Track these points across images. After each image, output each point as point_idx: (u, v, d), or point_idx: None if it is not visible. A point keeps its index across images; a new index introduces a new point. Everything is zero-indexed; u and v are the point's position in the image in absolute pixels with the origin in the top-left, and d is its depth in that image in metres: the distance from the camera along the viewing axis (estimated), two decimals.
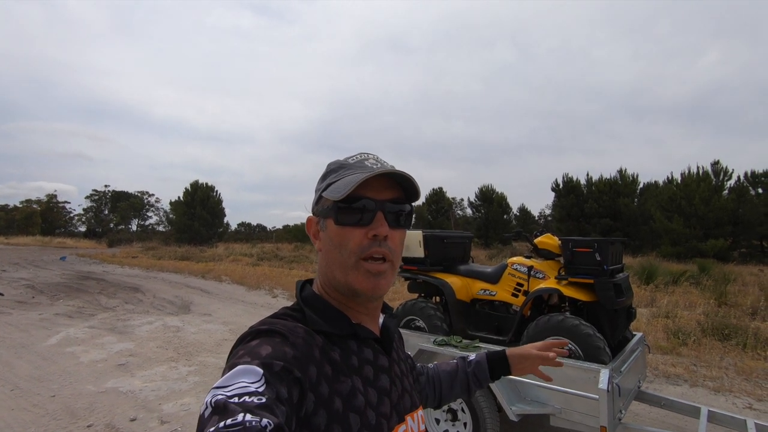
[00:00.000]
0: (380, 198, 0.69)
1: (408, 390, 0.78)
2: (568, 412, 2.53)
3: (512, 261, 3.35)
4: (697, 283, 11.47)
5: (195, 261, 19.89)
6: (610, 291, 2.68)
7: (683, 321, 7.28)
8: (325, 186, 0.71)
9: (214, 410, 0.49)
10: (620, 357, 2.68)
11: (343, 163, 0.73)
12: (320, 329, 0.67)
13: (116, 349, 5.71)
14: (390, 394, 0.71)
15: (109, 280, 13.23)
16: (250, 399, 0.50)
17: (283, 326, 0.63)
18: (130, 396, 4.09)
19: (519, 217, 40.93)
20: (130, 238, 40.88)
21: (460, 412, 2.86)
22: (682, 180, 23.96)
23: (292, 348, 0.60)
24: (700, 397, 4.30)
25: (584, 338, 2.62)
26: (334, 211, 0.68)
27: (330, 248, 0.70)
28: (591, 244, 2.78)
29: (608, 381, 2.31)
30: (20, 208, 59.12)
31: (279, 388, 0.54)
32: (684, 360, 5.44)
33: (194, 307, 9.10)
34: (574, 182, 28.55)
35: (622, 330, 2.92)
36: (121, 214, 57.85)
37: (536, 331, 2.82)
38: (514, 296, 3.23)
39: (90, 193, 63.12)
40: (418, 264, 3.57)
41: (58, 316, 7.80)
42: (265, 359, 0.56)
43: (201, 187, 35.98)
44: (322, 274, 0.74)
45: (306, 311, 0.69)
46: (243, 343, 0.61)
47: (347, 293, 0.70)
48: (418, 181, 0.71)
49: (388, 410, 0.69)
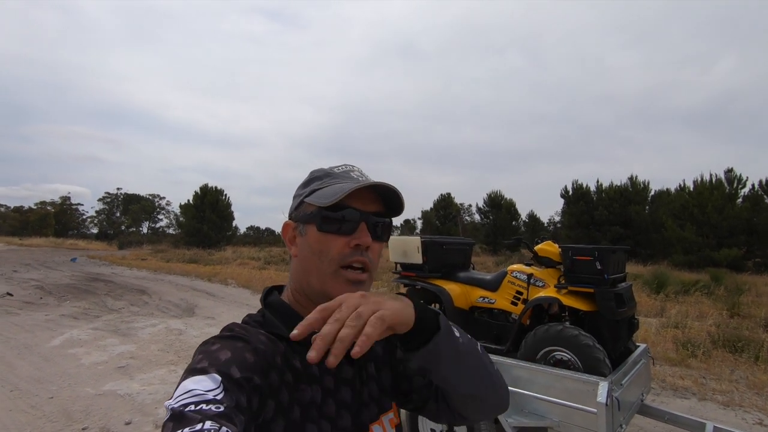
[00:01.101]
0: (365, 209, 0.69)
1: (375, 397, 0.75)
2: (567, 425, 2.44)
3: (512, 269, 3.28)
4: (710, 293, 11.22)
5: (203, 264, 20.03)
6: (611, 301, 2.59)
7: (693, 332, 7.11)
8: (309, 192, 0.71)
9: (171, 417, 0.48)
10: (621, 369, 2.59)
11: (329, 172, 0.74)
12: (282, 335, 0.65)
13: (118, 351, 5.72)
14: (350, 406, 0.69)
15: (116, 281, 13.35)
16: (208, 407, 0.49)
17: (246, 332, 0.63)
18: (127, 399, 4.08)
19: (528, 224, 40.59)
20: (141, 241, 41.40)
21: None
22: (695, 188, 23.59)
23: (253, 354, 0.59)
24: (708, 411, 4.16)
25: (583, 349, 2.54)
26: (318, 217, 0.68)
27: (308, 255, 0.69)
28: (591, 252, 2.71)
29: (607, 394, 2.23)
30: (35, 210, 60.26)
31: (238, 396, 0.53)
32: (693, 372, 5.29)
33: (199, 310, 9.12)
34: (584, 189, 28.28)
35: (623, 341, 2.83)
36: (133, 217, 58.67)
37: (534, 341, 2.75)
38: (514, 304, 3.16)
39: (102, 196, 64.17)
40: (417, 270, 3.51)
41: (63, 317, 7.86)
42: (223, 366, 0.55)
43: (211, 191, 36.34)
44: (295, 281, 0.72)
45: (267, 316, 0.69)
46: (204, 347, 0.60)
47: (321, 301, 0.66)
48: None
49: (348, 423, 0.68)
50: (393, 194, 0.70)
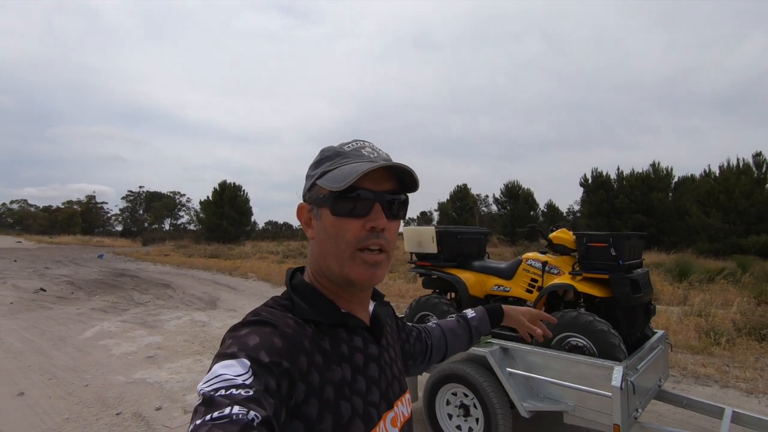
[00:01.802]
0: (378, 189, 0.68)
1: (397, 376, 0.79)
2: (582, 409, 2.48)
3: (527, 256, 3.30)
4: (736, 281, 10.92)
5: (223, 258, 20.45)
6: (626, 287, 2.60)
7: (717, 320, 6.96)
8: (320, 173, 0.70)
9: (203, 402, 0.49)
10: (637, 354, 2.60)
11: (339, 151, 0.72)
12: (309, 318, 0.66)
13: (146, 342, 5.96)
14: (379, 382, 0.72)
15: (142, 276, 13.79)
16: (237, 391, 0.50)
17: (273, 316, 0.63)
18: (156, 387, 4.27)
19: (546, 214, 39.98)
20: (163, 237, 42.36)
21: (472, 407, 2.85)
22: (721, 173, 22.77)
23: (281, 338, 0.59)
24: (730, 398, 4.11)
25: (598, 335, 2.56)
26: (331, 201, 0.67)
27: (325, 238, 0.69)
28: (606, 238, 2.71)
29: (622, 378, 2.25)
30: (62, 209, 62.37)
31: (267, 380, 0.54)
32: (716, 360, 5.21)
33: (221, 303, 9.37)
34: (604, 177, 27.64)
35: (640, 327, 2.83)
36: (155, 214, 60.07)
37: (549, 327, 2.77)
38: (529, 292, 3.18)
39: (126, 194, 65.87)
40: (432, 260, 3.56)
41: (93, 310, 8.20)
42: (252, 350, 0.56)
43: (229, 187, 36.91)
44: (314, 263, 0.73)
45: (295, 300, 0.69)
46: (233, 332, 0.61)
47: (341, 283, 0.70)
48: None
49: (377, 398, 0.70)
50: (406, 172, 0.69)
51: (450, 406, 2.99)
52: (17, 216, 67.09)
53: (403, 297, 9.46)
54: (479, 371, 2.78)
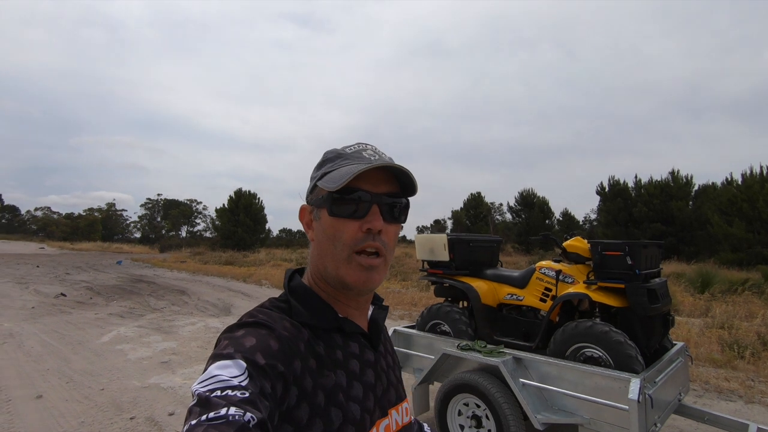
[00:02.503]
0: (376, 191, 0.67)
1: (393, 384, 0.77)
2: (597, 423, 2.41)
3: (540, 265, 3.25)
4: (761, 292, 10.55)
5: (238, 266, 20.66)
6: (642, 296, 2.53)
7: (741, 332, 6.72)
8: (321, 175, 0.70)
9: (198, 403, 0.49)
10: (655, 367, 2.53)
11: (341, 153, 0.72)
12: (305, 322, 0.66)
13: (161, 347, 6.03)
14: (374, 388, 0.71)
15: (158, 283, 14.01)
16: (233, 393, 0.50)
17: (269, 318, 0.63)
18: (170, 392, 4.31)
19: (562, 222, 39.37)
20: (180, 244, 42.99)
21: (484, 418, 2.80)
22: (744, 181, 22.18)
23: (277, 341, 0.59)
24: (756, 415, 3.95)
25: (614, 346, 2.49)
26: (328, 201, 0.67)
27: (323, 239, 0.69)
28: (621, 247, 2.65)
29: (639, 391, 2.19)
30: (84, 216, 64.02)
31: (262, 383, 0.53)
32: (740, 375, 5.02)
33: (235, 309, 9.45)
34: (621, 185, 27.19)
35: (658, 338, 2.75)
36: (172, 221, 61.15)
37: (564, 338, 2.72)
38: (542, 301, 3.13)
39: (144, 201, 67.27)
40: (444, 268, 3.54)
41: (111, 315, 8.35)
42: (248, 352, 0.55)
43: (244, 195, 37.39)
44: (313, 265, 0.73)
45: (292, 303, 0.68)
46: (229, 333, 0.60)
47: (338, 286, 0.69)
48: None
49: (371, 405, 0.69)
50: (405, 174, 0.68)
51: (462, 417, 2.94)
52: (41, 223, 69.14)
53: (416, 305, 9.40)
54: (492, 381, 2.73)
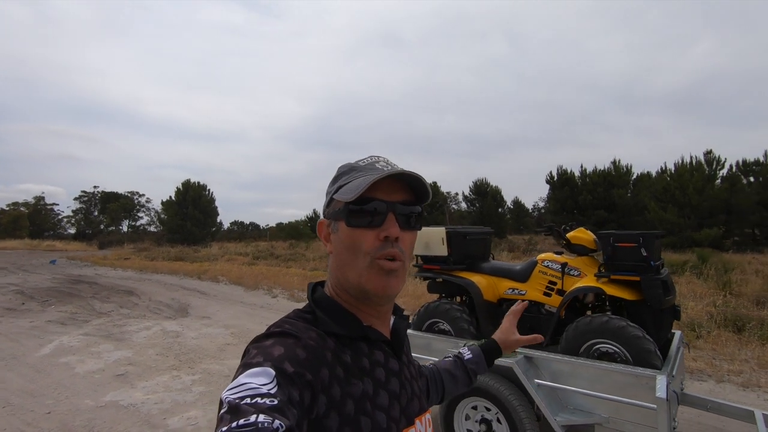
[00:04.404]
0: (391, 199, 0.69)
1: (417, 394, 0.77)
2: (617, 421, 2.33)
3: (542, 258, 3.15)
4: (699, 273, 11.41)
5: (189, 261, 19.53)
6: (658, 288, 2.48)
7: (693, 312, 7.17)
8: (336, 188, 0.72)
9: (228, 410, 0.49)
10: (670, 360, 2.49)
11: (354, 166, 0.74)
12: (331, 331, 0.66)
13: (114, 357, 5.42)
14: (400, 397, 0.70)
15: (101, 283, 12.84)
16: (263, 400, 0.50)
17: (296, 328, 0.64)
18: (131, 410, 3.82)
19: (513, 210, 40.92)
20: (121, 240, 40.19)
21: (495, 422, 2.66)
22: (676, 170, 24.04)
23: (304, 350, 0.60)
24: (729, 393, 4.15)
25: (633, 341, 2.42)
26: (345, 213, 0.68)
27: (341, 250, 0.70)
28: (635, 238, 2.58)
29: (666, 388, 2.11)
30: (7, 211, 57.78)
31: (291, 391, 0.54)
32: (703, 354, 5.31)
33: (192, 309, 8.81)
34: (569, 174, 28.53)
35: (667, 330, 2.73)
36: (111, 216, 56.97)
37: (576, 334, 2.62)
38: (547, 295, 3.03)
39: (79, 195, 62.08)
40: (441, 263, 3.35)
41: (50, 323, 7.46)
42: (277, 361, 0.56)
43: (193, 186, 35.44)
44: (333, 277, 0.73)
45: (317, 313, 0.69)
46: (257, 343, 0.61)
47: (358, 295, 0.70)
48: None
49: (397, 414, 0.68)
50: (418, 182, 0.69)
51: (470, 422, 2.78)
52: None
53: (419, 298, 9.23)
54: (503, 383, 2.59)
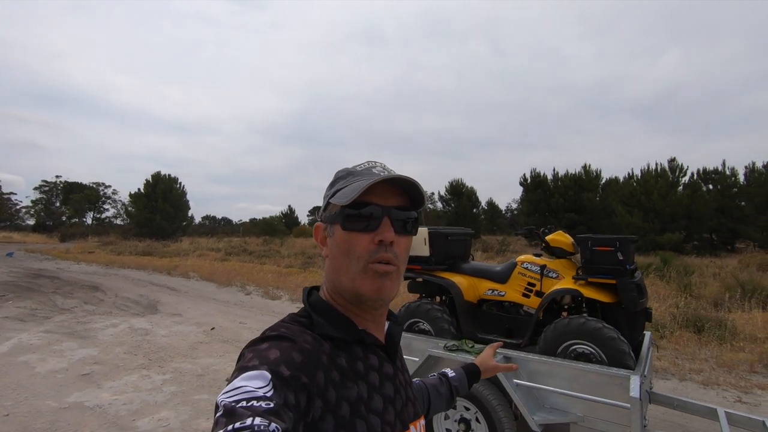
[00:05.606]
0: (387, 204, 0.69)
1: (411, 399, 0.78)
2: (592, 420, 2.40)
3: (521, 259, 3.20)
4: (662, 276, 11.93)
5: (158, 256, 18.94)
6: (633, 292, 2.57)
7: (657, 313, 7.47)
8: (333, 193, 0.72)
9: (224, 413, 0.49)
10: (642, 360, 2.58)
11: (351, 171, 0.74)
12: (327, 334, 0.67)
13: (78, 356, 5.19)
14: (394, 402, 0.71)
15: (64, 278, 12.28)
16: (259, 403, 0.50)
17: (291, 332, 0.64)
18: (97, 412, 3.67)
19: (487, 211, 41.64)
20: (85, 232, 38.55)
21: (473, 422, 2.69)
22: (642, 176, 25.02)
23: (300, 353, 0.60)
24: (690, 391, 4.35)
25: (608, 342, 2.50)
26: (341, 216, 0.69)
27: (337, 254, 0.70)
28: (612, 242, 2.66)
29: (640, 388, 2.19)
30: None
31: (286, 394, 0.54)
32: (667, 353, 5.55)
33: (162, 306, 8.55)
34: (542, 177, 29.22)
35: (640, 332, 2.83)
36: (75, 207, 54.50)
37: (555, 335, 2.68)
38: (525, 297, 3.09)
39: (39, 184, 59.08)
40: (422, 263, 3.36)
41: (7, 319, 7.07)
42: (273, 364, 0.56)
43: (163, 179, 34.34)
44: (328, 281, 0.74)
45: (313, 317, 0.69)
46: (252, 346, 0.61)
47: (353, 299, 0.70)
48: None
49: (392, 418, 0.69)
50: (413, 186, 0.70)
51: (449, 421, 2.81)
52: None
53: None
54: (482, 383, 2.61)
